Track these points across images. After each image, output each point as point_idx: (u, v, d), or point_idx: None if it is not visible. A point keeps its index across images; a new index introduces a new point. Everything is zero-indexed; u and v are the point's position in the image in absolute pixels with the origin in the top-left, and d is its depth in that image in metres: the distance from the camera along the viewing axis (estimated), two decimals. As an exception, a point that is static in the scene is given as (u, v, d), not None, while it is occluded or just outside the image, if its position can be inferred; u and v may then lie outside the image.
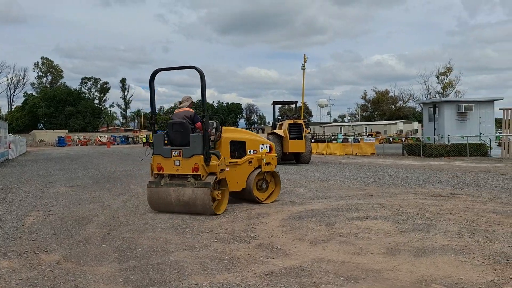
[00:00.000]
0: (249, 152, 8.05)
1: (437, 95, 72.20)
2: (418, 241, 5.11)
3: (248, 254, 4.76)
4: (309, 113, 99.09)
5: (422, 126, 58.91)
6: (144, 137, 57.99)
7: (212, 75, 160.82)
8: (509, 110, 20.88)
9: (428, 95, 74.84)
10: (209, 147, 7.13)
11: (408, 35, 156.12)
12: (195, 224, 6.42)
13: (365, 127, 70.94)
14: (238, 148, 7.98)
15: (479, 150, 21.45)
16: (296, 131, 18.81)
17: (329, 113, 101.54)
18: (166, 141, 7.47)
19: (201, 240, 5.46)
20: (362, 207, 7.46)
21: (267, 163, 8.06)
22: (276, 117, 23.21)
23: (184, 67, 7.57)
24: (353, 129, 71.31)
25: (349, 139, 34.81)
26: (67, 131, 73.38)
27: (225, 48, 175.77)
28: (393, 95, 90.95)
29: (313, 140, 32.32)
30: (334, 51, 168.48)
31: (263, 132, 27.78)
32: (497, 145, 22.93)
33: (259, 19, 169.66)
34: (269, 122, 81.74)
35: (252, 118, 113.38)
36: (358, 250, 4.81)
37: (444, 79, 75.42)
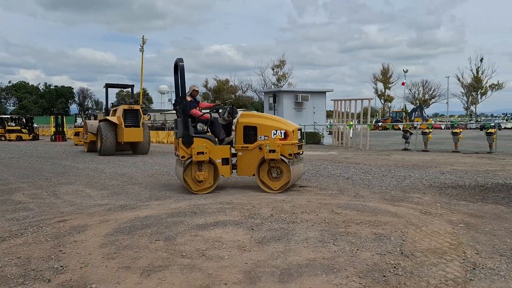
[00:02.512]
0: (260, 138, 7.77)
1: (272, 86, 76.33)
2: (280, 256, 4.10)
3: (42, 306, 3.09)
4: (149, 99, 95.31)
5: (260, 115, 61.80)
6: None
7: (38, 54, 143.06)
8: (339, 101, 22.40)
9: (265, 86, 78.70)
10: (188, 130, 7.51)
11: (245, 27, 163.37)
12: (-29, 252, 4.37)
13: (207, 115, 70.99)
14: (251, 134, 7.89)
15: (313, 139, 22.57)
16: (132, 118, 16.95)
17: (170, 100, 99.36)
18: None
19: (-32, 283, 3.54)
20: (208, 208, 6.28)
21: (271, 150, 7.58)
22: (112, 102, 20.88)
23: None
24: (194, 117, 70.80)
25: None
26: None
27: (53, 25, 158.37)
28: (233, 85, 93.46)
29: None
30: (175, 38, 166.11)
31: (95, 118, 24.84)
32: (328, 134, 24.54)
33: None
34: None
35: (86, 103, 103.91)
36: (207, 279, 3.54)
37: (278, 71, 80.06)
